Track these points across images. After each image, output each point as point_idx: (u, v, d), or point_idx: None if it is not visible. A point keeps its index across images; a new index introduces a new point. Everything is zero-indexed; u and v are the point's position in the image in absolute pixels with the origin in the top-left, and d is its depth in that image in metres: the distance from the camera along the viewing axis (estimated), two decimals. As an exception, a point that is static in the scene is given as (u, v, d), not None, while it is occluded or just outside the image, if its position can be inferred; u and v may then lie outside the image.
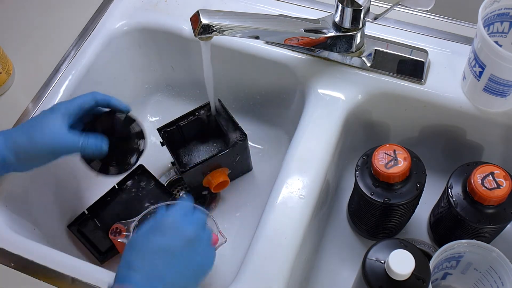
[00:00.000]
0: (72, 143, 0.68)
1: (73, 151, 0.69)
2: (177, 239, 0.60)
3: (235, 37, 0.71)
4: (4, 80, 0.82)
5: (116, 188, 0.88)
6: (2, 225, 0.72)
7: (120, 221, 0.77)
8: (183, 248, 0.59)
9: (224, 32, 0.68)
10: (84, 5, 0.90)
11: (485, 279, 0.73)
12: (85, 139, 0.68)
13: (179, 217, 0.62)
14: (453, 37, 0.83)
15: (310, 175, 0.74)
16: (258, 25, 0.72)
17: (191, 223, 0.62)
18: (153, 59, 0.95)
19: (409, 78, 0.80)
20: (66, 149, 0.68)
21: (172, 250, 0.59)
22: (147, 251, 0.58)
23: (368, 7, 0.74)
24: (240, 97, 0.95)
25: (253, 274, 0.67)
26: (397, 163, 0.71)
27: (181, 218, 0.61)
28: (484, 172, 0.70)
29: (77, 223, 0.85)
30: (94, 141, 0.69)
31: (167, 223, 0.60)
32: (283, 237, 0.69)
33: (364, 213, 0.79)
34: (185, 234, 0.60)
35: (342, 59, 0.81)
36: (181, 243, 0.59)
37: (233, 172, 0.90)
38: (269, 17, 0.79)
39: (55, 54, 0.85)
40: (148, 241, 0.59)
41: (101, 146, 0.70)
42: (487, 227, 0.71)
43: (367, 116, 0.84)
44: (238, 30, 0.70)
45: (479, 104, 0.77)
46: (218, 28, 0.67)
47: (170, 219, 0.61)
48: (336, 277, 0.83)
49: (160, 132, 0.86)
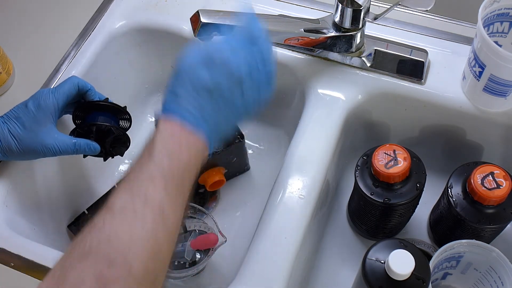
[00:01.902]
0: (64, 150, 0.69)
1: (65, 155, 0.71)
2: (224, 77, 0.52)
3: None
4: (4, 80, 0.82)
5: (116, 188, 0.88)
6: (2, 225, 0.72)
7: None
8: (230, 88, 0.52)
9: (224, 33, 0.68)
10: (84, 5, 0.90)
11: (485, 279, 0.73)
12: (77, 144, 0.70)
13: (232, 49, 0.53)
14: (453, 37, 0.83)
15: (310, 175, 0.74)
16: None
17: (246, 57, 0.53)
18: (153, 59, 0.94)
19: (409, 78, 0.80)
20: (57, 154, 0.69)
21: (216, 89, 0.51)
22: (191, 84, 0.52)
23: (368, 7, 0.74)
24: (240, 97, 0.95)
25: (253, 274, 0.67)
26: (397, 163, 0.71)
27: (234, 50, 0.53)
28: (484, 172, 0.70)
29: (77, 223, 0.85)
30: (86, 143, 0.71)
31: (216, 55, 0.52)
32: (283, 237, 0.69)
33: (364, 213, 0.79)
34: (234, 73, 0.52)
35: (342, 59, 0.81)
36: (228, 83, 0.52)
37: (230, 172, 0.90)
38: (269, 17, 0.79)
39: (55, 54, 0.85)
40: (193, 73, 0.52)
41: (94, 148, 0.71)
42: (487, 227, 0.71)
43: (367, 116, 0.84)
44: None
45: (479, 104, 0.77)
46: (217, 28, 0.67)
47: (221, 50, 0.53)
48: (336, 277, 0.83)
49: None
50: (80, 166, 0.87)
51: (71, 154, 0.70)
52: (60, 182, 0.83)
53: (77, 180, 0.87)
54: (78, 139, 0.70)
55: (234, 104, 0.53)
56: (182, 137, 0.50)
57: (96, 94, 0.74)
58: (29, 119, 0.68)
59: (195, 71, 0.52)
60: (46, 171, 0.79)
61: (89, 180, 0.89)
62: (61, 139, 0.69)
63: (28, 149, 0.68)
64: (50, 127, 0.69)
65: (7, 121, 0.68)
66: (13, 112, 0.69)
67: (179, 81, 0.52)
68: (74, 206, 0.87)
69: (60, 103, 0.70)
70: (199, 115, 0.51)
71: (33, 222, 0.78)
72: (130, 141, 0.77)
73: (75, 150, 0.70)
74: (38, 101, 0.69)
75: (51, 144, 0.68)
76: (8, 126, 0.68)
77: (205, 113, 0.51)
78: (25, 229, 0.75)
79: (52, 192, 0.82)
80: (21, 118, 0.68)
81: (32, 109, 0.68)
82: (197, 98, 0.51)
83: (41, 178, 0.79)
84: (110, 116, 0.74)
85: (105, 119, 0.73)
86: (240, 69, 0.53)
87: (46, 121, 0.68)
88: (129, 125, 0.77)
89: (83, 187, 0.88)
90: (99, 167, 0.89)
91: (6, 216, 0.73)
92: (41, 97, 0.69)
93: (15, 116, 0.68)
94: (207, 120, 0.52)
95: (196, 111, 0.51)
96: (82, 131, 0.72)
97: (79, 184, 0.87)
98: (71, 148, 0.69)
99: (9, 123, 0.68)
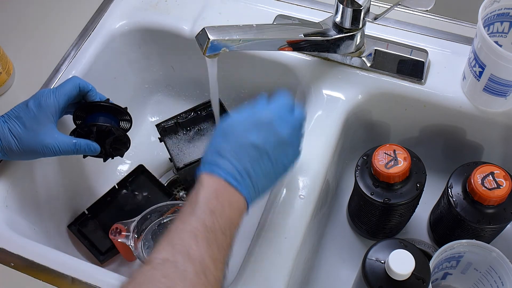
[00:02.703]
0: (64, 150, 0.69)
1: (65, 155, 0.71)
2: (271, 139, 0.57)
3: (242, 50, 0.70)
4: (4, 80, 0.82)
5: (116, 188, 0.88)
6: (2, 225, 0.72)
7: (120, 221, 0.77)
8: (274, 149, 0.57)
9: (231, 48, 0.68)
10: (84, 5, 0.90)
11: (485, 279, 0.73)
12: (77, 145, 0.70)
13: (277, 115, 0.58)
14: (453, 37, 0.83)
15: (310, 175, 0.74)
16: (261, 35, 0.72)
17: (288, 123, 0.59)
18: (153, 59, 0.94)
19: (409, 78, 0.80)
20: (57, 154, 0.70)
21: (263, 149, 0.56)
22: (238, 143, 0.56)
23: (368, 7, 0.74)
24: (240, 97, 0.95)
25: (253, 274, 0.67)
26: (397, 163, 0.71)
27: (280, 117, 0.58)
28: (484, 172, 0.70)
29: (77, 223, 0.85)
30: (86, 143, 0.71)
31: (264, 119, 0.57)
32: (283, 237, 0.69)
33: (364, 213, 0.79)
34: (279, 136, 0.58)
35: (342, 59, 0.81)
36: (273, 144, 0.57)
37: None
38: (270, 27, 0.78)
39: (55, 54, 0.85)
40: (241, 133, 0.56)
41: (94, 148, 0.72)
42: (487, 227, 0.71)
43: (367, 116, 0.84)
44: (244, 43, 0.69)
45: (479, 104, 0.77)
46: (225, 44, 0.66)
47: (268, 116, 0.58)
48: (336, 277, 0.83)
49: (159, 127, 0.85)
50: (80, 166, 0.87)
51: (71, 154, 0.70)
52: (60, 182, 0.83)
53: (77, 180, 0.87)
54: (78, 139, 0.70)
55: (277, 163, 0.57)
56: (225, 195, 0.53)
57: (97, 94, 0.74)
58: (30, 118, 0.68)
59: (244, 131, 0.56)
60: (46, 171, 0.79)
61: (89, 180, 0.89)
62: (61, 139, 0.69)
63: (28, 149, 0.68)
64: (50, 127, 0.69)
65: (7, 120, 0.68)
66: (13, 112, 0.69)
67: (225, 139, 0.56)
68: (74, 206, 0.87)
69: (61, 103, 0.70)
70: (244, 173, 0.54)
71: (33, 222, 0.78)
72: (131, 142, 0.77)
73: (75, 150, 0.70)
74: (39, 101, 0.69)
75: (51, 144, 0.68)
76: (9, 126, 0.68)
77: (249, 171, 0.55)
78: (25, 229, 0.75)
79: (52, 192, 0.82)
80: (21, 118, 0.68)
81: (33, 108, 0.68)
82: (242, 157, 0.55)
83: (41, 178, 0.79)
84: (111, 116, 0.74)
85: (105, 120, 0.73)
86: (284, 131, 0.58)
87: (47, 121, 0.68)
88: (129, 126, 0.77)
89: (83, 187, 0.88)
90: (99, 167, 0.89)
91: (6, 216, 0.73)
92: (42, 97, 0.69)
93: (15, 115, 0.68)
94: (250, 178, 0.55)
95: (242, 169, 0.54)
96: (82, 132, 0.72)
97: (79, 184, 0.87)
98: (71, 148, 0.69)
99: (10, 123, 0.68)
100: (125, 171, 0.93)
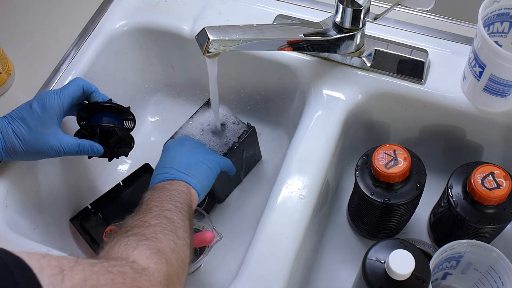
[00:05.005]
0: (68, 151, 0.70)
1: (69, 155, 0.71)
2: (192, 143, 0.78)
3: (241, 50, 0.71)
4: (4, 80, 0.82)
5: (121, 185, 0.88)
6: (2, 225, 0.71)
7: (114, 223, 0.77)
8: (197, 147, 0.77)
9: (231, 48, 0.68)
10: (84, 5, 0.90)
11: (485, 279, 0.73)
12: (81, 146, 0.70)
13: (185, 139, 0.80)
14: (453, 37, 0.83)
15: (310, 175, 0.74)
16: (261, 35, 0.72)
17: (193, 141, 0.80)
18: (153, 59, 0.94)
19: (409, 78, 0.80)
20: (61, 155, 0.70)
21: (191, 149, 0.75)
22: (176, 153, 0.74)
23: (368, 7, 0.74)
24: (240, 97, 0.95)
25: (253, 274, 0.67)
26: (397, 163, 0.71)
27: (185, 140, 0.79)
28: (484, 172, 0.70)
29: (80, 217, 0.85)
30: (89, 144, 0.71)
31: (183, 140, 0.78)
32: (283, 237, 0.69)
33: (364, 213, 0.79)
34: (196, 143, 0.79)
35: (342, 59, 0.81)
36: (196, 144, 0.78)
37: (247, 165, 0.91)
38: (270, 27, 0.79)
39: (55, 54, 0.85)
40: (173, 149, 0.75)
41: (98, 150, 0.72)
42: (487, 227, 0.71)
43: (367, 116, 0.84)
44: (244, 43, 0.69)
45: (479, 104, 0.77)
46: (225, 44, 0.67)
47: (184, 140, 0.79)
48: (336, 277, 0.83)
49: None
50: (81, 166, 0.87)
51: (75, 155, 0.70)
52: (60, 182, 0.83)
53: (78, 180, 0.87)
54: (82, 140, 0.70)
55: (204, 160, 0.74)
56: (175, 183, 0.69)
57: (100, 96, 0.74)
58: (34, 120, 0.68)
59: (174, 147, 0.75)
60: (46, 171, 0.79)
61: (89, 180, 0.89)
62: (65, 140, 0.69)
63: (32, 150, 0.68)
64: (55, 128, 0.69)
65: (11, 121, 0.68)
66: (17, 113, 0.69)
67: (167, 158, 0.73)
68: (75, 206, 0.87)
69: (65, 104, 0.70)
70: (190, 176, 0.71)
71: (34, 222, 0.78)
72: (134, 141, 0.77)
73: (79, 151, 0.70)
74: (43, 102, 0.69)
75: (56, 145, 0.68)
76: (13, 127, 0.68)
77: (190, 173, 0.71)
78: (26, 229, 0.75)
79: (53, 192, 0.82)
80: (25, 119, 0.68)
81: (37, 110, 0.68)
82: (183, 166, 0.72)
83: (42, 177, 0.79)
84: (114, 117, 0.74)
85: (109, 120, 0.73)
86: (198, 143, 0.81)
87: (51, 122, 0.68)
88: (133, 126, 0.77)
89: (84, 187, 0.88)
90: (100, 167, 0.89)
91: (6, 216, 0.73)
92: (47, 98, 0.69)
93: (19, 116, 0.68)
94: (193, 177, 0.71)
95: (187, 174, 0.71)
96: (87, 132, 0.72)
97: (79, 184, 0.87)
98: (75, 149, 0.70)
99: (14, 124, 0.68)
100: (126, 171, 0.93)
